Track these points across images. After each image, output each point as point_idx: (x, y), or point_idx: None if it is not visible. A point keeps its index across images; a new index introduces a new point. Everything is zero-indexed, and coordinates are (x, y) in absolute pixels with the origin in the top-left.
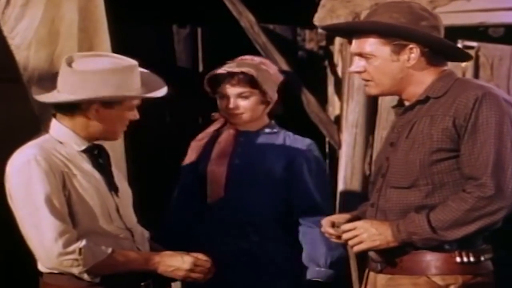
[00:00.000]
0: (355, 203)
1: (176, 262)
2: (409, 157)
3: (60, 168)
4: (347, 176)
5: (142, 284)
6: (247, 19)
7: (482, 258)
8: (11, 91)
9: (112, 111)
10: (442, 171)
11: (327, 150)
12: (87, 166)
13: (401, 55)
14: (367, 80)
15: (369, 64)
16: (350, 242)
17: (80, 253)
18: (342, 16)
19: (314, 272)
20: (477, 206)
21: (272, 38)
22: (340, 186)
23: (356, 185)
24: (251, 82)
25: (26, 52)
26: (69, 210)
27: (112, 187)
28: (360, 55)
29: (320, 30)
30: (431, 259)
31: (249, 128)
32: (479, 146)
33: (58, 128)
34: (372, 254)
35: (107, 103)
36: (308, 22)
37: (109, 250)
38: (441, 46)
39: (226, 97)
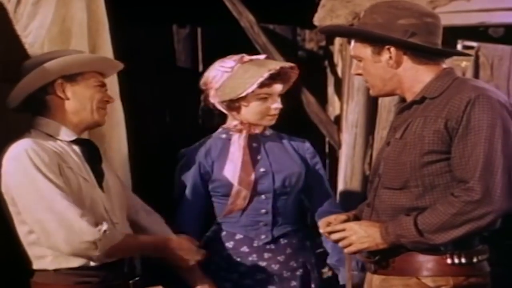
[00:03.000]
0: (355, 203)
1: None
2: (400, 158)
3: (56, 159)
4: (347, 176)
5: (131, 282)
6: (247, 19)
7: (475, 260)
8: (11, 90)
9: (78, 87)
10: (433, 173)
11: (327, 150)
12: (78, 159)
13: (382, 56)
14: (367, 82)
15: (361, 66)
16: (340, 244)
17: (103, 235)
18: (342, 16)
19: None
20: (464, 210)
21: (272, 38)
22: (340, 186)
23: (356, 185)
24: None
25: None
26: None
27: (100, 181)
28: (355, 57)
29: None
30: (423, 261)
31: (256, 130)
32: (470, 149)
33: (43, 121)
34: (360, 257)
35: (70, 77)
36: (308, 22)
37: (123, 234)
38: (409, 46)
39: (272, 98)
